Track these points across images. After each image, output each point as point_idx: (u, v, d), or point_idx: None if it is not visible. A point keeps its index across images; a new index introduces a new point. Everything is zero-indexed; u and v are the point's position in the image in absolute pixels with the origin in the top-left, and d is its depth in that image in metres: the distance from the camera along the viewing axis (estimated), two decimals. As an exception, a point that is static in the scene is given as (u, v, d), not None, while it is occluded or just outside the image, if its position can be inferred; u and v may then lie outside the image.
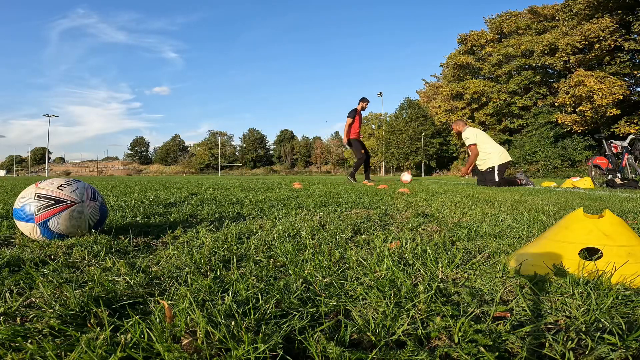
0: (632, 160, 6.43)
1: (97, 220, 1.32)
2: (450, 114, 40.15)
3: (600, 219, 0.90)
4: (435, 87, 49.27)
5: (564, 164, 27.83)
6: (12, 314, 0.64)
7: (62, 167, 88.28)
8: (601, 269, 0.80)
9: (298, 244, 1.16)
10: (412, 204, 2.55)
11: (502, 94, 35.04)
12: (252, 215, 1.93)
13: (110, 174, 73.63)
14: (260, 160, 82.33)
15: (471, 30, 38.80)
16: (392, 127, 53.23)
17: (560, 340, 0.55)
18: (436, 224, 1.66)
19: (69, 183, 1.29)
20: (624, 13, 25.66)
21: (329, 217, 1.81)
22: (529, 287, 0.77)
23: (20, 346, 0.53)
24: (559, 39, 28.69)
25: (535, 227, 1.52)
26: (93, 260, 1.00)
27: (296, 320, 0.62)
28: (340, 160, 75.13)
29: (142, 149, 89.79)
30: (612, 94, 25.12)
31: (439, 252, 1.04)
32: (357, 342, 0.57)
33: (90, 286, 0.76)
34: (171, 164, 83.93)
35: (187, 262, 0.96)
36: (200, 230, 1.40)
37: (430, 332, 0.58)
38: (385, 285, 0.76)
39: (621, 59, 26.76)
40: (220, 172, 72.09)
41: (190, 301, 0.65)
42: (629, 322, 0.61)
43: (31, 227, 1.20)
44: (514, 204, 2.58)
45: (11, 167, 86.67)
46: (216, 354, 0.52)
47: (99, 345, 0.52)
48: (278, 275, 0.88)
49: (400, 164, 52.39)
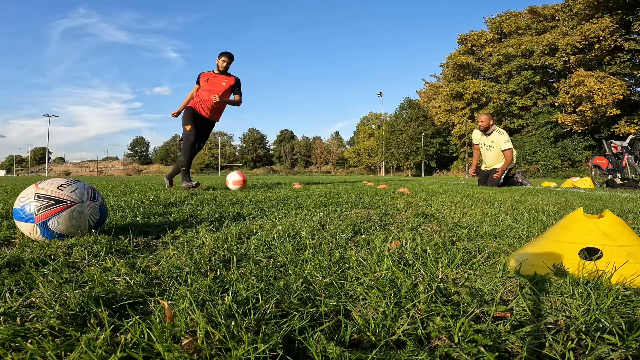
0: (632, 160, 6.42)
1: (97, 220, 1.32)
2: (450, 114, 40.17)
3: (600, 219, 0.90)
4: (435, 87, 49.29)
5: (564, 164, 27.85)
6: (12, 314, 0.64)
7: (62, 167, 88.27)
8: (601, 269, 0.80)
9: (298, 244, 1.16)
10: (412, 204, 2.55)
11: (502, 94, 35.05)
12: (252, 215, 1.93)
13: (110, 174, 73.62)
14: (260, 160, 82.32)
15: (471, 30, 38.85)
16: (392, 127, 53.19)
17: (560, 340, 0.55)
18: (436, 224, 1.66)
19: (69, 183, 1.29)
20: (624, 13, 25.67)
21: (329, 217, 1.81)
22: (529, 287, 0.77)
23: (20, 346, 0.53)
24: (559, 39, 28.70)
25: (535, 227, 1.52)
26: (93, 260, 1.00)
27: (296, 320, 0.62)
28: (340, 161, 75.14)
29: (142, 149, 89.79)
30: (612, 94, 25.13)
31: (439, 252, 1.04)
32: (357, 342, 0.57)
33: (90, 286, 0.76)
34: (171, 164, 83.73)
35: (187, 262, 0.96)
36: (200, 230, 1.40)
37: (430, 332, 0.58)
38: (385, 285, 0.76)
39: (621, 59, 26.78)
40: (220, 172, 72.07)
41: (190, 301, 0.65)
42: (629, 322, 0.61)
43: (31, 227, 1.20)
44: (514, 204, 2.58)
45: (11, 167, 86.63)
46: (216, 354, 0.52)
47: (99, 345, 0.52)
48: (278, 275, 0.88)
49: (400, 164, 52.38)
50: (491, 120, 6.32)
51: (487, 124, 6.29)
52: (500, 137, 6.18)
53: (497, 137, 6.21)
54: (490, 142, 6.28)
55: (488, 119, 6.32)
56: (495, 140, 6.21)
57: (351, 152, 67.54)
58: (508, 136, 6.21)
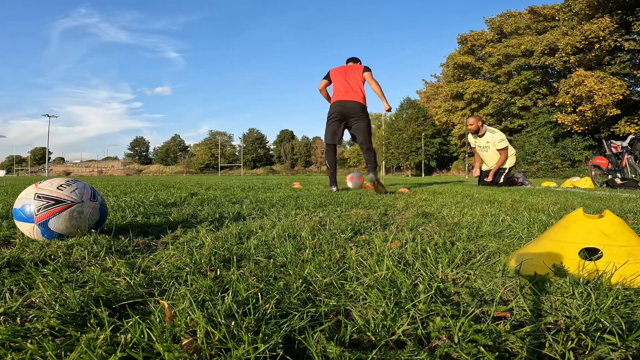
0: (632, 160, 6.43)
1: (97, 221, 1.32)
2: (450, 114, 40.16)
3: (600, 219, 0.90)
4: (435, 87, 49.27)
5: (564, 164, 27.85)
6: (12, 314, 0.64)
7: (62, 167, 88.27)
8: (601, 269, 0.80)
9: (298, 244, 1.16)
10: (412, 204, 2.55)
11: (502, 94, 35.04)
12: (252, 215, 1.93)
13: (110, 174, 73.63)
14: (260, 160, 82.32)
15: (471, 30, 38.81)
16: (392, 127, 53.24)
17: (560, 340, 0.55)
18: (436, 224, 1.66)
19: (69, 183, 1.29)
20: (624, 13, 25.67)
21: (329, 217, 1.81)
22: (529, 287, 0.77)
23: (20, 346, 0.53)
24: (559, 39, 28.69)
25: (535, 227, 1.52)
26: (93, 260, 1.00)
27: (296, 320, 0.62)
28: (340, 161, 75.14)
29: (142, 149, 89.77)
30: (612, 94, 25.13)
31: (439, 252, 1.04)
32: (357, 342, 0.57)
33: (90, 286, 0.76)
34: (171, 164, 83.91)
35: (187, 262, 0.96)
36: (200, 230, 1.40)
37: (430, 332, 0.58)
38: (385, 285, 0.76)
39: (621, 59, 26.78)
40: (220, 172, 72.09)
41: (190, 301, 0.65)
42: (629, 322, 0.61)
43: (31, 227, 1.20)
44: (514, 204, 2.58)
45: (11, 167, 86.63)
46: (216, 354, 0.52)
47: (99, 345, 0.52)
48: (278, 275, 0.88)
49: (400, 164, 52.40)
50: (479, 121, 6.23)
51: (475, 127, 6.22)
52: (493, 137, 6.10)
53: (490, 137, 6.13)
54: (484, 143, 6.22)
55: (476, 121, 6.24)
56: (490, 140, 6.14)
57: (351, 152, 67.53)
58: (502, 134, 6.13)
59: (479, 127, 6.21)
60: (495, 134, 6.11)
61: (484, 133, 6.20)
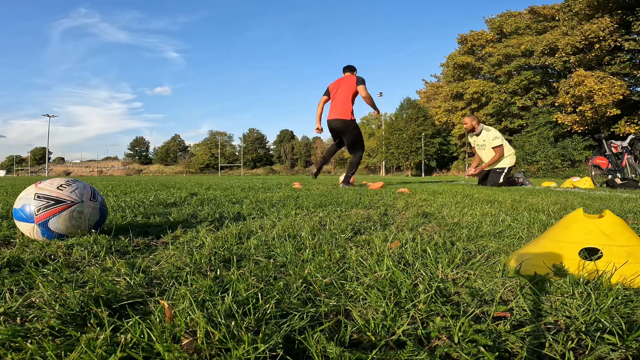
0: (632, 160, 6.43)
1: (97, 221, 1.32)
2: (450, 114, 40.16)
3: (600, 219, 0.90)
4: (435, 87, 49.26)
5: (564, 164, 27.84)
6: (12, 314, 0.64)
7: (62, 167, 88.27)
8: (601, 269, 0.80)
9: (298, 244, 1.16)
10: (412, 204, 2.55)
11: (502, 94, 35.04)
12: (252, 215, 1.93)
13: (110, 174, 73.63)
14: (260, 160, 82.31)
15: (471, 30, 38.82)
16: (392, 127, 53.20)
17: (560, 340, 0.55)
18: (436, 224, 1.66)
19: (69, 183, 1.29)
20: (624, 13, 25.67)
21: (329, 217, 1.81)
22: (529, 287, 0.77)
23: (20, 346, 0.53)
24: (559, 39, 28.68)
25: (535, 227, 1.52)
26: (93, 260, 1.00)
27: (296, 320, 0.62)
28: (340, 161, 75.10)
29: (142, 149, 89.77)
30: (612, 94, 25.12)
31: (439, 252, 1.04)
32: (357, 342, 0.57)
33: (90, 286, 0.76)
34: (171, 164, 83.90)
35: (187, 262, 0.96)
36: (200, 230, 1.40)
37: (430, 332, 0.58)
38: (385, 285, 0.76)
39: (621, 59, 26.78)
40: (220, 172, 72.08)
41: (190, 301, 0.65)
42: (629, 322, 0.61)
43: (31, 227, 1.20)
44: (514, 204, 2.58)
45: (11, 167, 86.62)
46: (216, 354, 0.52)
47: (99, 345, 0.52)
48: (278, 275, 0.87)
49: (400, 164, 52.38)
50: (474, 120, 6.29)
51: (470, 126, 6.30)
52: (488, 135, 6.16)
53: (486, 135, 6.20)
54: (481, 141, 6.29)
55: (470, 120, 6.32)
56: (485, 138, 6.20)
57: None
58: (497, 132, 6.18)
59: (473, 126, 6.29)
60: (490, 132, 6.19)
61: (480, 132, 6.26)
